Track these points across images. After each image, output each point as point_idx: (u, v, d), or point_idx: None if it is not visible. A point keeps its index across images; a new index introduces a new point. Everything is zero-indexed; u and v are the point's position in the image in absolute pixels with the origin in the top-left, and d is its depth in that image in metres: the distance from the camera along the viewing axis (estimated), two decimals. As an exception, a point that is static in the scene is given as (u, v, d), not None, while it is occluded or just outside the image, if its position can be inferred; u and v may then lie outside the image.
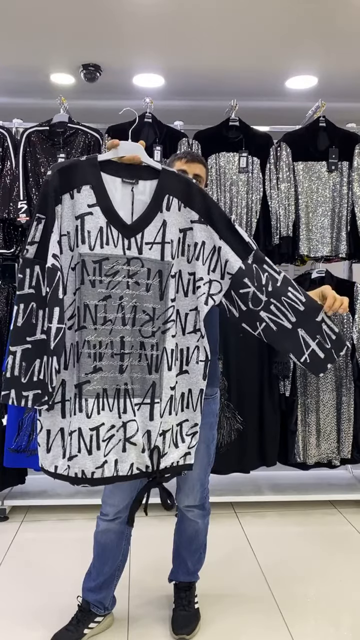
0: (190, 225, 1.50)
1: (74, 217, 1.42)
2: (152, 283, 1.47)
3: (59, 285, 1.39)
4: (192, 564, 1.98)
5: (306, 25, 2.84)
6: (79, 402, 1.44)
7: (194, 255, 1.51)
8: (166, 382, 1.50)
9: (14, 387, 1.42)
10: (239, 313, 1.54)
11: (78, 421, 1.44)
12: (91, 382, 1.45)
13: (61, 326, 1.39)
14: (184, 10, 2.67)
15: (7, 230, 2.78)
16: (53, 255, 1.39)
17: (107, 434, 1.46)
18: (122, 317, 1.46)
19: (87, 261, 1.42)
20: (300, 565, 2.39)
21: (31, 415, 2.71)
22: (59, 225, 1.41)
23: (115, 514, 1.81)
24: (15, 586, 2.21)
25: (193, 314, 1.54)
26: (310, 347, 1.53)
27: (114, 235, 1.44)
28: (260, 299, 1.51)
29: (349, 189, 2.88)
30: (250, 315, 1.53)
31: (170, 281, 1.49)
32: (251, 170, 2.86)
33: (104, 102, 3.77)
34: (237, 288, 1.52)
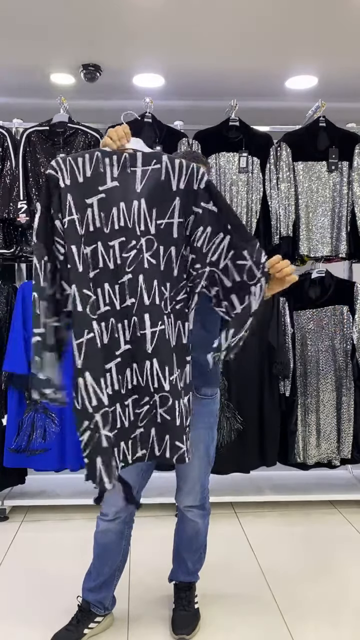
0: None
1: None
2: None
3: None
4: (192, 564, 1.98)
5: (306, 25, 2.83)
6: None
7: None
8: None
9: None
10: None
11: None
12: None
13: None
14: (184, 10, 2.67)
15: (7, 230, 2.78)
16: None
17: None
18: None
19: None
20: (300, 565, 2.39)
21: (31, 415, 2.71)
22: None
23: (116, 514, 1.81)
24: (15, 586, 2.21)
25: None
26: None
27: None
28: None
29: (349, 189, 2.88)
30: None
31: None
32: (251, 170, 2.86)
33: (104, 102, 3.77)
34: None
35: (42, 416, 2.72)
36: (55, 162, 1.48)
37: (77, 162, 1.48)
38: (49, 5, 2.63)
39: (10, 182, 2.74)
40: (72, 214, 1.46)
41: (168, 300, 1.52)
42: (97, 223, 1.49)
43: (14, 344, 2.68)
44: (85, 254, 1.48)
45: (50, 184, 1.48)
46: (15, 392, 2.72)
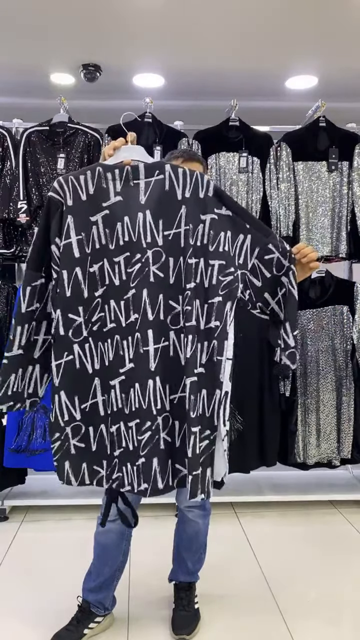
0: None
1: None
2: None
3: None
4: (192, 564, 1.98)
5: (306, 25, 2.84)
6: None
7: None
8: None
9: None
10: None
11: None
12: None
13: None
14: (184, 10, 2.67)
15: (7, 230, 2.78)
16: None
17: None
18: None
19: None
20: (300, 565, 2.39)
21: (31, 416, 2.72)
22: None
23: (116, 515, 1.81)
24: (15, 586, 2.21)
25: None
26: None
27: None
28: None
29: (349, 189, 2.88)
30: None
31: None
32: (251, 170, 2.86)
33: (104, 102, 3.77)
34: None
35: (42, 416, 2.72)
36: (57, 184, 1.48)
37: (79, 181, 1.48)
38: (49, 5, 2.63)
39: (10, 182, 2.75)
40: (69, 237, 1.46)
41: (181, 314, 1.49)
42: (102, 240, 1.48)
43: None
44: (91, 272, 1.48)
45: (51, 206, 1.48)
46: (15, 392, 2.72)
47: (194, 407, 1.45)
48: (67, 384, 1.51)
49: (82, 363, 1.51)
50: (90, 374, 1.51)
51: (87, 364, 1.51)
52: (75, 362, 1.50)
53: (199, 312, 1.48)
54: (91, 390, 1.52)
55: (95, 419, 1.53)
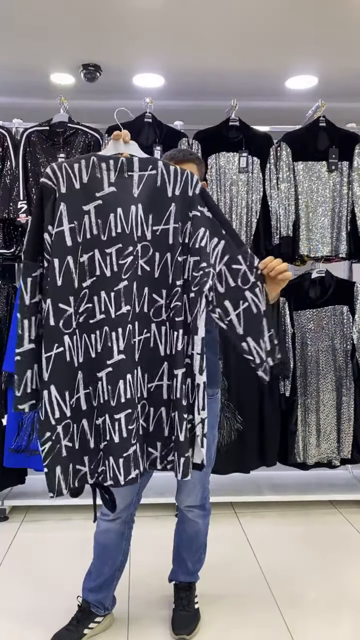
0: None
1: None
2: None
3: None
4: (192, 564, 1.98)
5: (306, 25, 2.84)
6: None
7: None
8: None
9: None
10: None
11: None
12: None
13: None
14: (184, 10, 2.67)
15: (7, 230, 2.78)
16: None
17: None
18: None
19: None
20: (300, 565, 2.39)
21: (31, 415, 2.71)
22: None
23: (116, 514, 1.81)
24: (15, 586, 2.21)
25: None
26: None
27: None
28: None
29: (349, 189, 2.88)
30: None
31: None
32: (251, 170, 2.86)
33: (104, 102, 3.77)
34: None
35: (42, 416, 2.72)
36: (50, 170, 1.46)
37: (73, 168, 1.46)
38: (49, 5, 2.63)
39: (10, 182, 2.75)
40: (62, 225, 1.45)
41: (163, 307, 1.52)
42: (94, 230, 1.48)
43: (14, 344, 2.68)
44: (81, 262, 1.48)
45: (44, 193, 1.46)
46: (15, 392, 2.71)
47: (185, 395, 1.49)
48: (58, 378, 1.46)
49: (71, 355, 1.49)
50: (75, 367, 1.50)
51: (74, 356, 1.49)
52: (65, 354, 1.47)
53: (186, 307, 1.52)
54: (75, 384, 1.51)
55: (79, 414, 1.52)
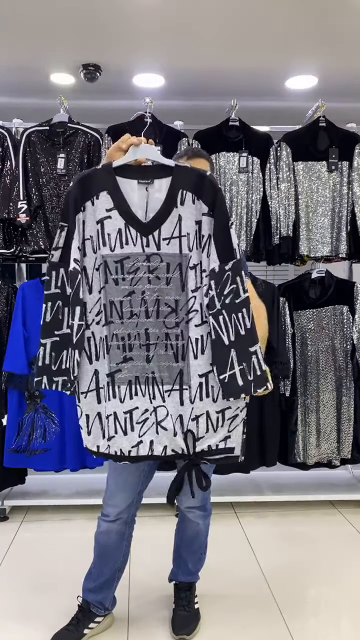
0: (201, 218, 1.53)
1: (95, 222, 1.53)
2: (172, 276, 1.54)
3: (80, 287, 1.52)
4: (193, 564, 1.98)
5: (306, 25, 2.83)
6: (112, 389, 1.57)
7: (202, 247, 1.54)
8: (194, 369, 1.56)
9: (45, 373, 1.57)
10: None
11: (113, 406, 1.57)
12: (122, 371, 1.57)
13: (82, 323, 1.53)
14: (184, 10, 2.67)
15: (7, 230, 2.78)
16: (74, 260, 1.52)
17: (142, 417, 1.58)
18: (145, 311, 1.55)
19: (109, 262, 1.53)
20: (300, 566, 2.39)
21: (31, 416, 2.72)
22: (81, 231, 1.53)
23: (117, 515, 1.81)
24: (15, 586, 2.21)
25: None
26: (233, 370, 1.52)
27: (133, 234, 1.52)
28: (214, 304, 1.52)
29: (349, 189, 2.88)
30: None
31: (190, 273, 1.54)
32: (251, 170, 2.86)
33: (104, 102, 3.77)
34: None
35: (42, 416, 2.72)
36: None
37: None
38: (49, 5, 2.63)
39: (10, 182, 2.74)
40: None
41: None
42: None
43: (14, 344, 2.68)
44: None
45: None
46: (15, 392, 2.72)
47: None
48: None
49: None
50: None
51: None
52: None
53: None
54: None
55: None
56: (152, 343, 1.56)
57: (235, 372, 1.52)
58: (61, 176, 2.77)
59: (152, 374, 1.57)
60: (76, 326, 1.52)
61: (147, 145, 1.54)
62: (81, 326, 1.52)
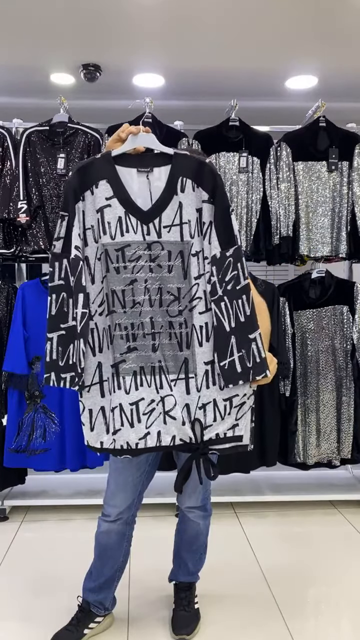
0: (201, 205, 1.52)
1: (95, 211, 1.51)
2: (174, 264, 1.53)
3: (82, 274, 1.50)
4: (193, 564, 1.98)
5: (306, 25, 2.84)
6: (117, 381, 1.55)
7: (204, 234, 1.54)
8: (199, 357, 1.55)
9: (54, 369, 1.53)
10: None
11: (118, 398, 1.55)
12: (127, 362, 1.54)
13: (85, 311, 1.50)
14: (184, 10, 2.67)
15: (7, 230, 2.78)
16: (75, 247, 1.50)
17: (148, 407, 1.55)
18: (148, 299, 1.54)
19: (109, 250, 1.52)
20: (300, 566, 2.39)
21: (31, 416, 2.71)
22: (81, 220, 1.51)
23: (117, 515, 1.81)
24: (15, 586, 2.21)
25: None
26: (233, 357, 1.53)
27: (133, 223, 1.51)
28: (216, 291, 1.53)
29: (349, 189, 2.88)
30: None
31: (192, 260, 1.53)
32: (251, 170, 2.86)
33: (104, 102, 3.77)
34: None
35: (42, 416, 2.72)
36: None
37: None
38: (49, 5, 2.63)
39: (10, 182, 2.74)
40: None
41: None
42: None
43: (14, 344, 2.68)
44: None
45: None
46: (15, 392, 2.72)
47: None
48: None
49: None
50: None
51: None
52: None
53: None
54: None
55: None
56: (156, 332, 1.54)
57: (235, 359, 1.52)
58: (61, 176, 2.77)
59: (159, 363, 1.55)
60: (80, 314, 1.49)
61: (145, 134, 1.52)
62: (85, 314, 1.50)
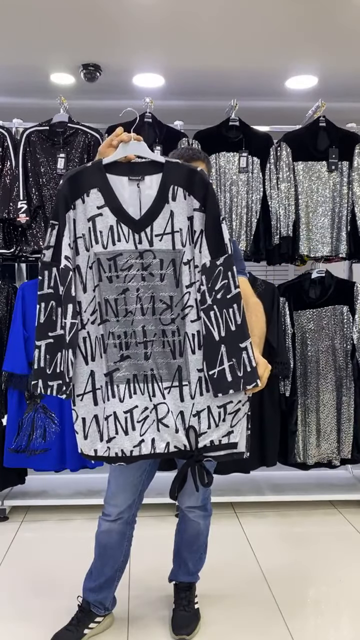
0: (192, 214, 1.52)
1: (86, 220, 1.51)
2: (166, 272, 1.53)
3: (72, 284, 1.49)
4: (193, 564, 1.98)
5: (306, 25, 2.83)
6: (111, 389, 1.55)
7: (195, 242, 1.53)
8: (192, 365, 1.55)
9: (41, 377, 1.53)
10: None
11: (112, 406, 1.55)
12: (120, 370, 1.54)
13: (74, 321, 1.50)
14: (184, 10, 2.67)
15: (7, 230, 2.78)
16: (65, 257, 1.49)
17: (142, 415, 1.56)
18: (140, 308, 1.54)
19: (102, 259, 1.51)
20: (300, 566, 2.39)
21: (31, 416, 2.71)
22: (72, 229, 1.51)
23: (118, 515, 1.81)
24: (15, 586, 2.21)
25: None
26: (223, 366, 1.52)
27: (125, 231, 1.51)
28: (205, 300, 1.52)
29: (349, 189, 2.88)
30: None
31: (184, 268, 1.53)
32: (251, 170, 2.86)
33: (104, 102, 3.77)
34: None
35: (42, 416, 2.72)
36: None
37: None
38: (49, 5, 2.63)
39: (10, 182, 2.74)
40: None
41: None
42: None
43: (14, 344, 2.68)
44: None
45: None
46: (15, 392, 2.72)
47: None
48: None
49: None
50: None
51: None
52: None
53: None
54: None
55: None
56: (149, 340, 1.54)
57: (225, 367, 1.52)
58: (61, 176, 2.77)
59: (151, 371, 1.55)
60: (69, 325, 1.48)
61: (136, 142, 1.51)
62: (74, 325, 1.49)
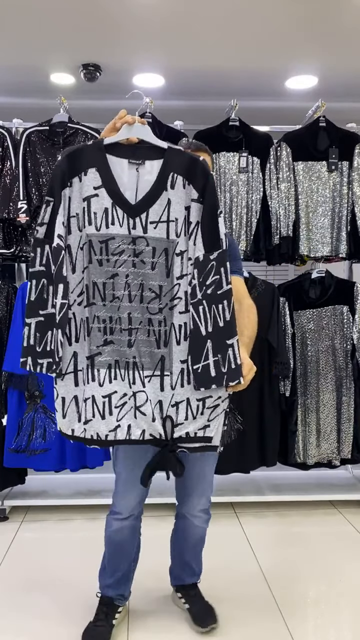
0: (190, 204, 1.51)
1: (81, 199, 1.48)
2: (157, 261, 1.51)
3: (63, 264, 1.47)
4: (196, 564, 2.01)
5: (306, 25, 2.84)
6: (92, 372, 1.53)
7: (190, 234, 1.52)
8: (176, 356, 1.54)
9: (30, 354, 1.51)
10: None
11: (91, 389, 1.53)
12: (102, 354, 1.53)
13: (65, 302, 1.48)
14: (184, 10, 2.67)
15: (7, 230, 2.78)
16: (58, 236, 1.47)
17: (120, 401, 1.54)
18: (128, 295, 1.52)
19: (93, 241, 1.49)
20: (300, 566, 2.39)
21: (31, 416, 2.71)
22: (67, 207, 1.48)
23: (130, 512, 1.82)
24: (15, 586, 2.21)
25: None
26: (208, 361, 1.52)
27: (119, 215, 1.49)
28: (195, 294, 1.51)
29: (349, 189, 2.88)
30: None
31: (176, 259, 1.51)
32: (251, 170, 2.86)
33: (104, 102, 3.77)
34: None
35: (42, 416, 2.72)
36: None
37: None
38: (49, 5, 2.63)
39: (10, 182, 2.74)
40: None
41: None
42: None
43: (14, 344, 2.68)
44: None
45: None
46: (15, 392, 2.72)
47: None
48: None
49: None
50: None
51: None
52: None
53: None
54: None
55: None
56: (133, 328, 1.52)
57: (210, 362, 1.51)
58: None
59: (133, 359, 1.53)
60: (59, 304, 1.47)
61: (140, 125, 1.48)
62: (64, 305, 1.47)
